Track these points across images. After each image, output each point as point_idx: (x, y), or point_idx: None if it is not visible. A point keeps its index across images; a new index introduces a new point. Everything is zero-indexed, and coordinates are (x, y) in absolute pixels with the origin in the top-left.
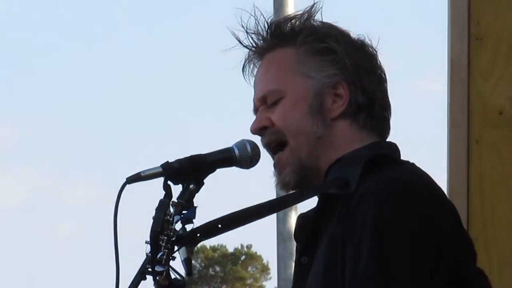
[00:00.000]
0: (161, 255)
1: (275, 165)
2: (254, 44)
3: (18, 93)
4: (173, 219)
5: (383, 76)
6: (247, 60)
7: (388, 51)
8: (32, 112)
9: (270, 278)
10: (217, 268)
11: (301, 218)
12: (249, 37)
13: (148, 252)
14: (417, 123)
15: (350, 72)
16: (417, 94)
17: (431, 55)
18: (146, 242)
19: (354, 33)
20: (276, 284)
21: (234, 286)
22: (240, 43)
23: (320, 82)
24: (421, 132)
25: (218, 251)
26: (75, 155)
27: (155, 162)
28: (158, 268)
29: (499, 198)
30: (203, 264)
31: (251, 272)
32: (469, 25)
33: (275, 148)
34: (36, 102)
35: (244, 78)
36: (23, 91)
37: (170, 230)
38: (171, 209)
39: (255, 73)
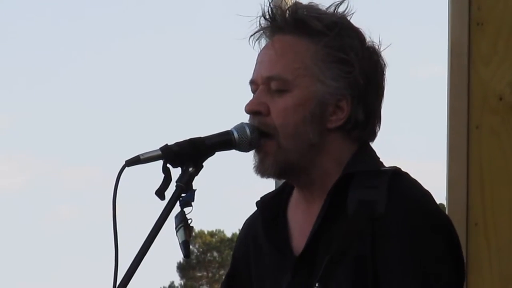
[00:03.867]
0: None
1: (258, 149)
2: (273, 18)
3: (17, 80)
4: None
5: (383, 86)
6: (261, 29)
7: (388, 37)
8: (30, 97)
9: None
10: (215, 254)
11: (269, 210)
12: (271, 9)
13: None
14: (417, 109)
15: (359, 90)
16: (417, 80)
17: (431, 40)
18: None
19: (367, 34)
20: None
21: None
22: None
23: (328, 90)
24: (421, 118)
25: (216, 236)
26: (73, 138)
27: (155, 144)
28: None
29: (499, 184)
30: (200, 250)
31: None
32: (469, 10)
33: (262, 133)
34: (35, 87)
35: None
36: (20, 78)
37: None
38: None
39: (264, 45)
